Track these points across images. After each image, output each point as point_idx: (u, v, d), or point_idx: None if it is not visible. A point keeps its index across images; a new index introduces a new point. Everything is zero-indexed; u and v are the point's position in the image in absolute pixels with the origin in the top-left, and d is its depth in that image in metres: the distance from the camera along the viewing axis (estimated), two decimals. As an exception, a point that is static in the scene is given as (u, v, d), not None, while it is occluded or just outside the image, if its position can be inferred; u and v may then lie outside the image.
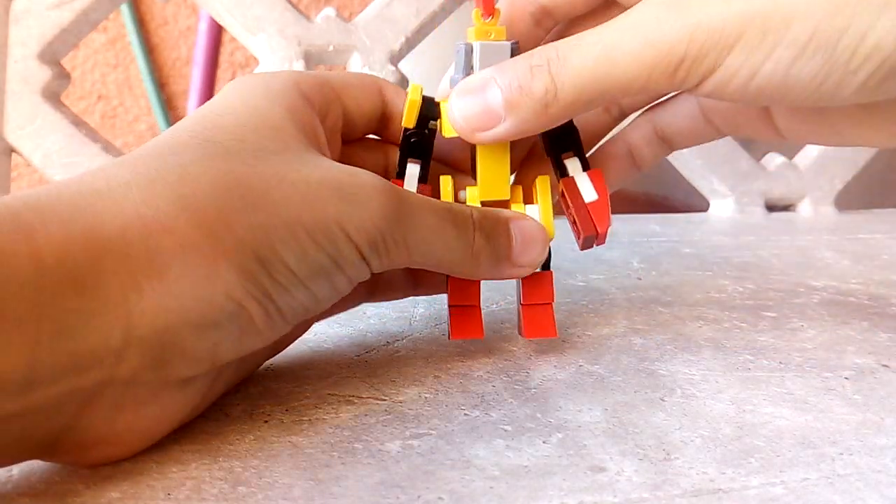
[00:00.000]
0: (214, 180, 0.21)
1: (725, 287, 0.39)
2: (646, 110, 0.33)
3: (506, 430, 0.24)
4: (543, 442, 0.23)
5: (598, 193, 0.29)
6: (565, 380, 0.28)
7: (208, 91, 1.10)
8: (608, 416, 0.25)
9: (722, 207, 0.57)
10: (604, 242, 0.30)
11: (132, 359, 0.19)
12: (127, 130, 1.18)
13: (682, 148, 0.33)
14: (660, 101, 0.33)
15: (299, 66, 0.51)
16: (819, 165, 0.58)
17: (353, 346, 0.31)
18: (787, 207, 0.59)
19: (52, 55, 0.51)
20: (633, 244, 0.48)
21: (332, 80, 0.28)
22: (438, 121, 0.29)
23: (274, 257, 0.21)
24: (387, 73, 0.51)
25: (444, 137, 0.29)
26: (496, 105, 0.26)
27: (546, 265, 0.30)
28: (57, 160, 0.51)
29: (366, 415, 0.25)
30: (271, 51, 0.51)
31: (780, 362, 0.29)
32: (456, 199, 0.30)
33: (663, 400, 0.26)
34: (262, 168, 0.23)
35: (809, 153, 0.59)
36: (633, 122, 0.33)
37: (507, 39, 0.28)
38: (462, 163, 0.31)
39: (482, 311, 0.29)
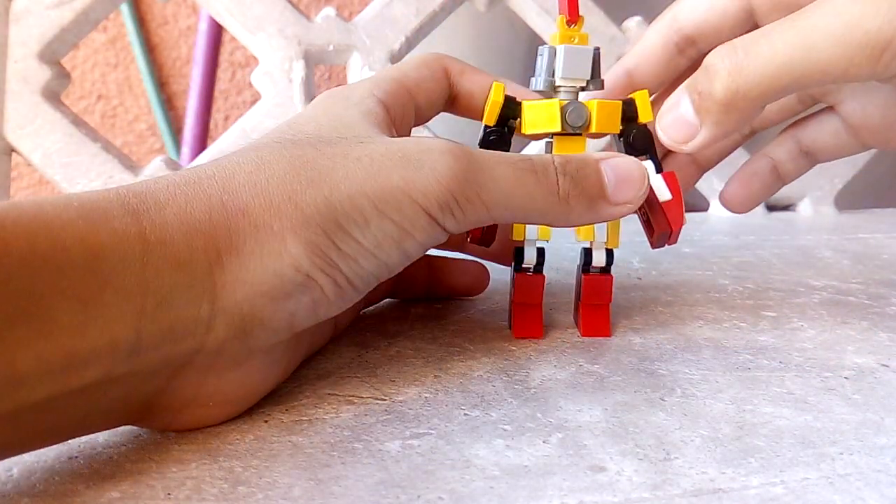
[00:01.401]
0: (286, 164, 0.23)
1: (725, 287, 0.39)
2: (787, 127, 0.34)
3: (506, 430, 0.24)
4: (543, 442, 0.23)
5: (673, 193, 0.30)
6: (565, 380, 0.28)
7: (208, 91, 1.10)
8: (608, 416, 0.25)
9: (722, 207, 0.57)
10: (676, 241, 0.31)
11: (219, 328, 0.22)
12: (127, 130, 1.18)
13: (825, 161, 0.35)
14: (800, 117, 0.34)
15: (299, 65, 0.51)
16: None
17: (352, 346, 0.31)
18: (787, 207, 0.59)
19: (51, 55, 0.51)
20: (633, 244, 0.48)
21: (406, 79, 0.30)
22: (518, 120, 0.30)
23: (339, 230, 0.23)
24: (387, 73, 0.51)
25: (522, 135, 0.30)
26: (689, 116, 0.28)
27: (607, 269, 0.32)
28: (56, 160, 0.51)
29: (366, 415, 0.25)
30: (271, 50, 0.51)
31: (780, 362, 0.29)
32: None
33: (663, 400, 0.26)
34: (330, 150, 0.24)
35: (809, 153, 0.59)
36: (776, 138, 0.35)
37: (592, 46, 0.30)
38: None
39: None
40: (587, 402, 0.26)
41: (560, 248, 0.42)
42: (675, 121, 0.28)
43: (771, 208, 0.59)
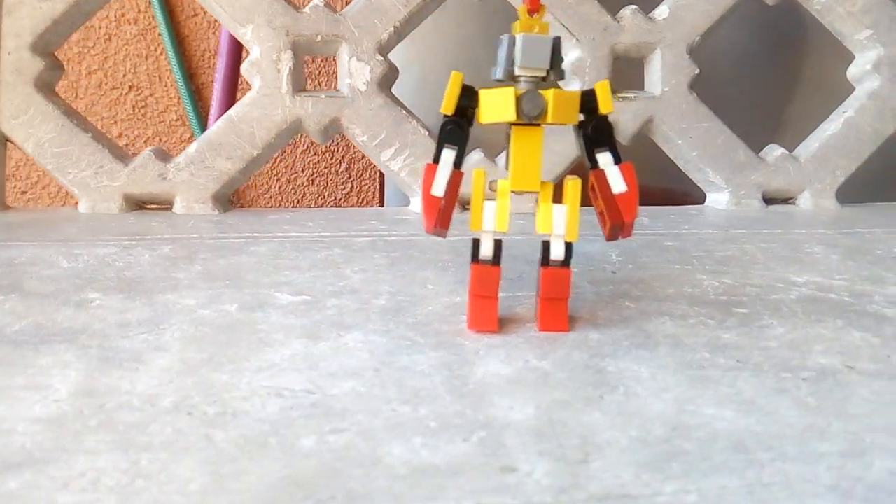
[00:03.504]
0: None
1: (701, 282, 0.37)
2: None
3: (429, 427, 0.23)
4: (463, 440, 0.22)
5: (628, 185, 0.30)
6: (508, 375, 0.27)
7: (233, 82, 1.10)
8: (540, 414, 0.24)
9: (718, 200, 0.56)
10: (630, 234, 0.31)
11: None
12: (157, 120, 1.20)
13: None
14: None
15: (287, 56, 0.50)
16: (820, 157, 0.56)
17: (304, 338, 0.30)
18: (787, 200, 0.57)
19: (44, 46, 0.52)
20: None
21: None
22: (477, 109, 0.30)
23: None
24: (375, 63, 0.51)
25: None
26: None
27: (567, 262, 0.31)
28: (49, 149, 0.51)
29: (292, 408, 0.24)
30: (259, 41, 0.50)
31: (738, 361, 0.28)
32: (488, 190, 0.31)
33: (603, 398, 0.25)
34: None
35: (810, 144, 0.57)
36: None
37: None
38: None
39: None
40: (523, 399, 0.25)
41: (536, 240, 0.41)
42: None
43: (769, 201, 0.57)
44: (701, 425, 0.23)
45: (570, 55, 0.53)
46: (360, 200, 1.04)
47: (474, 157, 0.52)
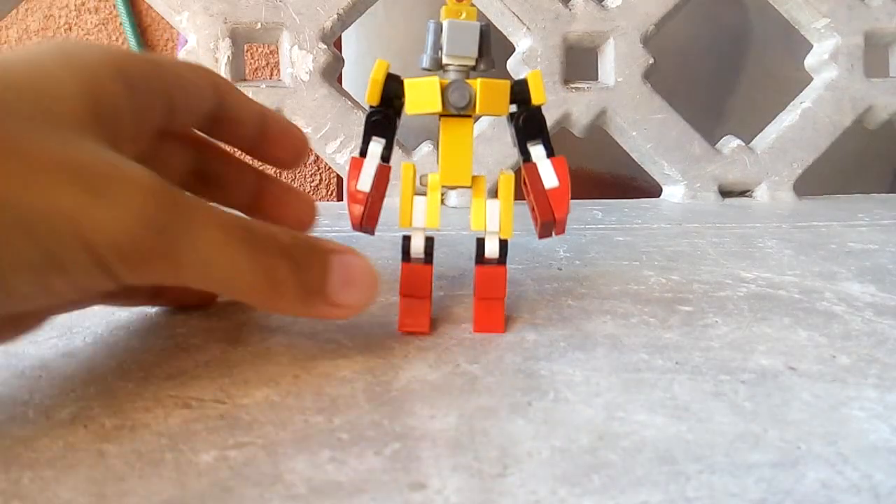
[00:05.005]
0: None
1: (648, 278, 0.36)
2: None
3: (340, 440, 0.21)
4: (375, 454, 0.21)
5: (560, 180, 0.28)
6: (434, 381, 0.25)
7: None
8: (461, 424, 0.22)
9: (673, 193, 0.55)
10: (563, 231, 0.30)
11: None
12: (118, 112, 1.17)
13: None
14: None
15: (226, 44, 0.48)
16: (777, 149, 0.55)
17: (222, 342, 0.28)
18: (743, 193, 0.57)
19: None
20: (567, 231, 0.45)
21: (166, 66, 0.25)
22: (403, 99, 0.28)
23: None
24: (318, 52, 0.49)
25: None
26: None
27: (502, 260, 0.29)
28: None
29: (196, 420, 0.23)
30: (195, 29, 0.48)
31: (677, 363, 0.27)
32: (419, 185, 0.29)
33: (530, 404, 0.24)
34: (3, 130, 0.19)
35: (767, 136, 0.56)
36: None
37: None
38: None
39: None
40: (446, 406, 0.24)
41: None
42: None
43: (725, 194, 0.56)
44: (629, 433, 0.22)
45: (520, 45, 0.51)
46: (328, 193, 1.02)
47: (424, 149, 0.51)
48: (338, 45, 0.62)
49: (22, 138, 0.19)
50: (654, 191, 0.57)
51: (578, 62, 0.53)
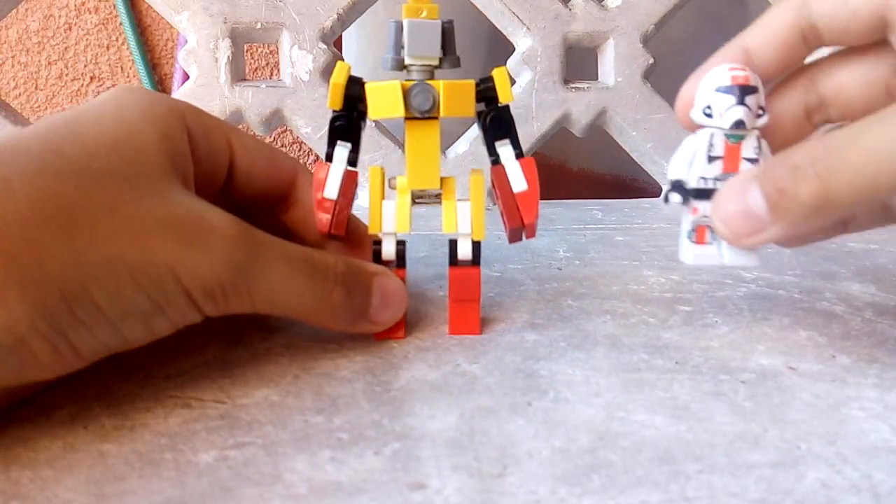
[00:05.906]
0: (35, 202, 0.20)
1: (648, 278, 0.36)
2: None
3: (340, 440, 0.21)
4: (375, 453, 0.21)
5: (528, 183, 0.28)
6: (434, 381, 0.25)
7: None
8: (460, 424, 0.22)
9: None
10: (534, 235, 0.29)
11: None
12: (119, 112, 1.17)
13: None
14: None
15: (225, 44, 0.48)
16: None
17: (222, 343, 0.28)
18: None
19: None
20: (567, 231, 0.46)
21: (227, 127, 0.28)
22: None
23: (82, 295, 0.20)
24: (318, 52, 0.49)
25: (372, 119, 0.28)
26: (760, 210, 0.24)
27: (475, 261, 0.29)
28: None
29: (196, 420, 0.23)
30: (195, 29, 0.48)
31: (677, 362, 0.27)
32: (388, 188, 0.29)
33: (530, 404, 0.24)
34: (97, 195, 0.21)
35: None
36: None
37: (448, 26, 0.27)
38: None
39: None
40: (445, 406, 0.24)
41: (488, 236, 0.39)
42: (740, 213, 0.25)
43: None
44: (629, 433, 0.22)
45: (520, 45, 0.51)
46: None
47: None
48: (338, 44, 0.62)
49: (123, 199, 0.21)
50: (654, 191, 0.57)
51: (578, 62, 0.53)
